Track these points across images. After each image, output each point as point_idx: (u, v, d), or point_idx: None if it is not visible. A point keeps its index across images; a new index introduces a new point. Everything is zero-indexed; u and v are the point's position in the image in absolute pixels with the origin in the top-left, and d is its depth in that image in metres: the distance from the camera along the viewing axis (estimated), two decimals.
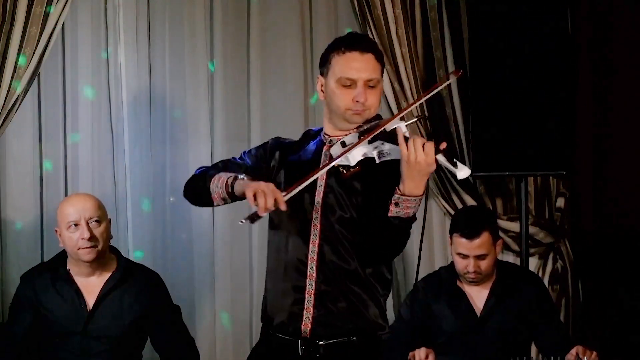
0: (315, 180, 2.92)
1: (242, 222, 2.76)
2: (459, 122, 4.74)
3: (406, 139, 2.76)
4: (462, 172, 2.76)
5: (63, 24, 4.40)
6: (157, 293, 3.78)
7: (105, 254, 3.71)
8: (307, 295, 2.94)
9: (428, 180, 2.80)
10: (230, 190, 2.92)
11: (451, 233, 3.91)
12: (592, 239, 4.86)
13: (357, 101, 2.93)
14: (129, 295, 3.72)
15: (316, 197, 2.96)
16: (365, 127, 2.92)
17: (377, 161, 2.84)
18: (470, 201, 4.71)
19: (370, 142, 2.84)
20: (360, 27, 4.75)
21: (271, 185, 2.79)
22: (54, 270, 3.75)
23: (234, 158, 3.15)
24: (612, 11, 4.76)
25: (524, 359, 3.74)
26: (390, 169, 2.84)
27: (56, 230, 3.72)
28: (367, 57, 2.95)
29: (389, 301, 4.67)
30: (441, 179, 4.69)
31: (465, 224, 3.86)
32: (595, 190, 4.86)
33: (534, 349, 4.17)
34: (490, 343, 3.87)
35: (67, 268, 3.73)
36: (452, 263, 3.97)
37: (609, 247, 4.79)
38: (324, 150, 3.02)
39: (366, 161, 2.85)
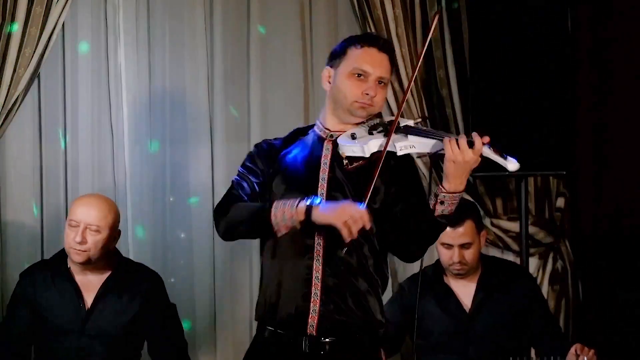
0: (317, 174, 2.96)
1: (343, 252, 2.87)
2: (459, 122, 4.73)
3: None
4: (511, 164, 2.83)
5: (63, 24, 4.41)
6: (154, 294, 3.77)
7: (98, 260, 3.69)
8: (313, 289, 2.92)
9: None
10: (304, 220, 2.84)
11: None
12: (592, 239, 4.85)
13: (366, 94, 2.96)
14: (127, 295, 3.72)
15: (319, 189, 2.96)
16: (376, 122, 2.97)
17: (399, 153, 2.89)
18: None
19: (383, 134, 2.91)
20: (360, 27, 4.75)
21: (356, 210, 2.79)
22: (54, 268, 3.75)
23: (236, 179, 3.07)
24: (612, 11, 4.75)
25: (524, 359, 3.74)
26: (406, 163, 2.99)
27: (67, 219, 3.74)
28: (383, 56, 3.02)
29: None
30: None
31: None
32: (595, 190, 4.85)
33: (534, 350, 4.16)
34: (482, 339, 3.85)
35: (68, 266, 3.73)
36: (437, 261, 3.97)
37: (609, 247, 4.78)
38: (325, 145, 3.02)
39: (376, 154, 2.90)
